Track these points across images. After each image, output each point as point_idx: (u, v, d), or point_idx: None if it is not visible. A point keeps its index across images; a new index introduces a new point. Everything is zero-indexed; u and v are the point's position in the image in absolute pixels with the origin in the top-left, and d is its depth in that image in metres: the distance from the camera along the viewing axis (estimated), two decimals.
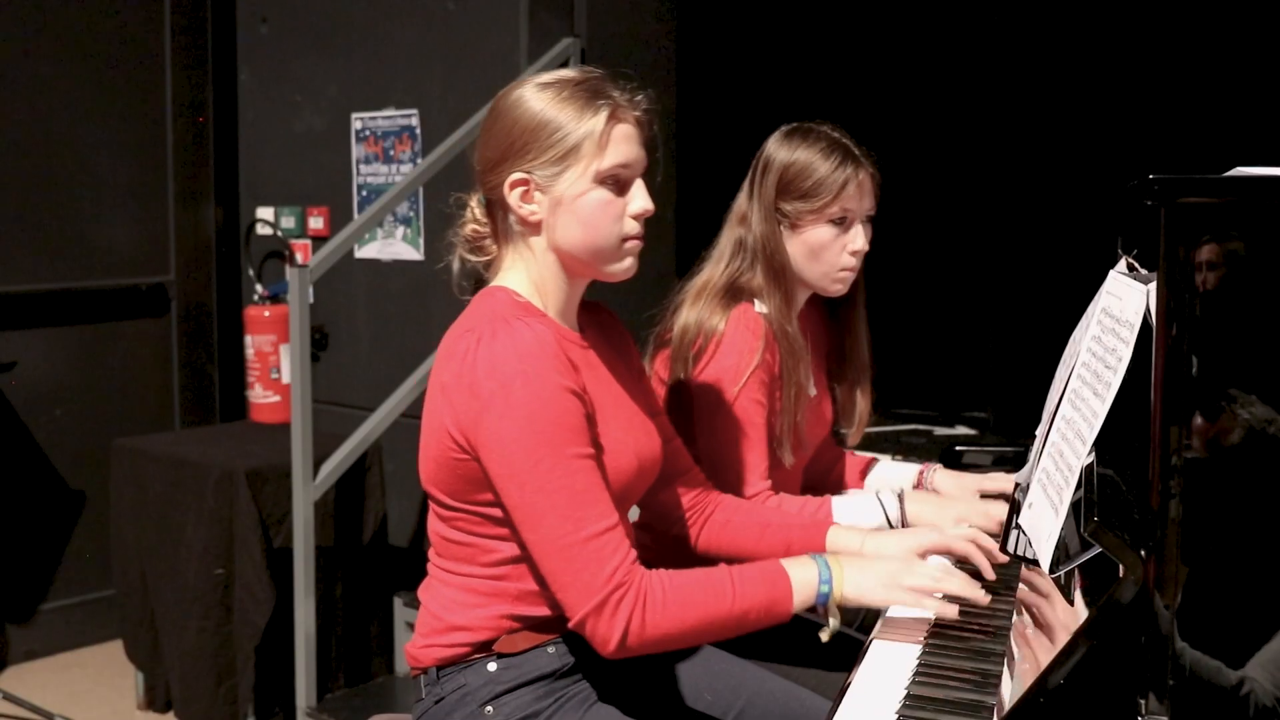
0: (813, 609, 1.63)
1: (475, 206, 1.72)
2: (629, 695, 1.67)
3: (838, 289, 2.13)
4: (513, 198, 1.62)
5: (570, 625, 1.54)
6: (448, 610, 1.64)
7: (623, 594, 1.50)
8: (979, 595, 1.60)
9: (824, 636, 1.63)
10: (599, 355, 1.71)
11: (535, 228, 1.63)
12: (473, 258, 1.73)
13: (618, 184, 1.62)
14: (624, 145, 1.62)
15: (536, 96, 1.61)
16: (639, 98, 1.65)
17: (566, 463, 1.52)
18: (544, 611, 1.62)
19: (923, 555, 1.74)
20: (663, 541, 1.96)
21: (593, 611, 1.50)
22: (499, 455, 1.52)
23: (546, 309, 1.66)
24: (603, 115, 1.59)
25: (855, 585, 1.60)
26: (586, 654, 1.64)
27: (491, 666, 1.62)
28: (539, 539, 1.52)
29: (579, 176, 1.60)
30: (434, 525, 1.67)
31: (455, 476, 1.58)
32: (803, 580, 1.59)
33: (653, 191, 1.67)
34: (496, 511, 1.58)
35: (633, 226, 1.64)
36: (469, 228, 1.72)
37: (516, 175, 1.61)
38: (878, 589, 1.61)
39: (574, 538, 1.51)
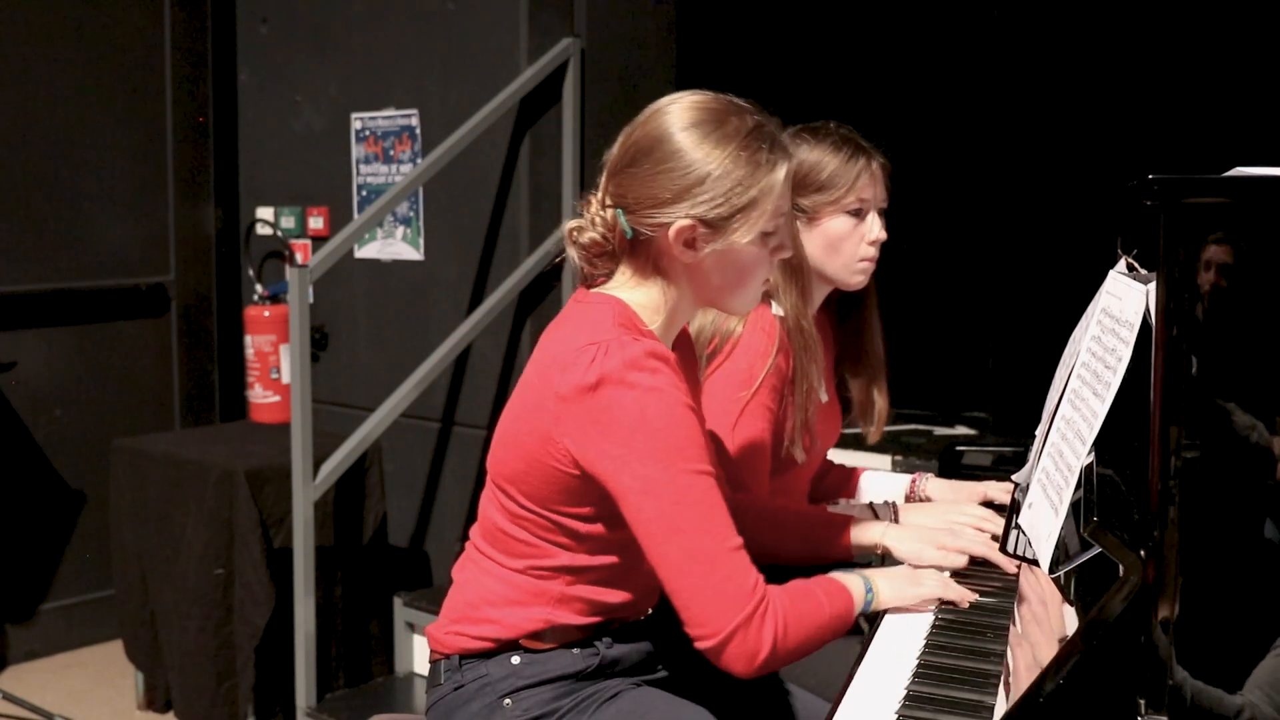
0: None
1: (597, 216, 1.63)
2: (637, 696, 1.67)
3: (859, 280, 2.14)
4: (676, 243, 1.58)
5: (709, 644, 1.49)
6: (484, 601, 1.63)
7: (767, 605, 1.50)
8: (970, 597, 1.69)
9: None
10: (683, 372, 1.70)
11: (689, 269, 1.60)
12: (587, 266, 1.66)
13: (775, 232, 1.61)
14: (788, 195, 1.61)
15: (718, 140, 1.56)
16: (796, 143, 1.65)
17: (700, 478, 1.50)
18: (578, 620, 1.62)
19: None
20: None
21: (742, 624, 1.48)
22: (632, 471, 1.49)
23: (658, 329, 1.64)
24: (781, 170, 1.58)
25: (889, 591, 1.69)
26: (610, 659, 1.65)
27: (515, 660, 1.62)
28: (678, 551, 1.49)
29: (750, 231, 1.57)
30: (493, 515, 1.64)
31: (549, 484, 1.56)
32: (855, 590, 1.65)
33: None
34: (576, 524, 1.57)
35: (773, 270, 1.66)
36: (587, 236, 1.64)
37: (685, 223, 1.56)
38: (907, 591, 1.69)
39: (720, 549, 1.49)
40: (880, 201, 2.11)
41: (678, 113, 1.59)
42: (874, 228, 2.10)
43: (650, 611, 1.72)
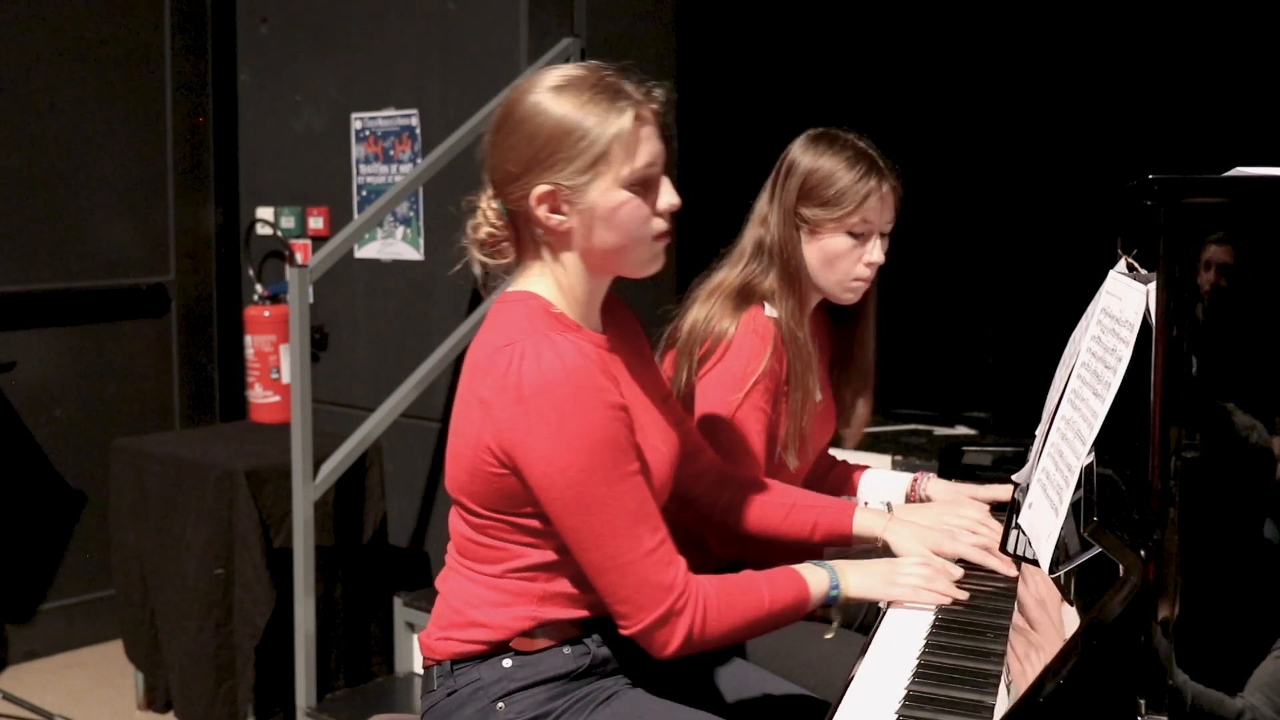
0: (811, 613, 1.70)
1: (488, 209, 1.65)
2: (633, 698, 1.67)
3: (849, 298, 2.13)
4: (540, 210, 1.57)
5: (628, 632, 1.55)
6: (470, 605, 1.64)
7: (684, 602, 1.54)
8: (955, 596, 1.70)
9: (828, 635, 1.70)
10: (619, 355, 1.70)
11: (564, 237, 1.59)
12: (490, 261, 1.68)
13: (645, 184, 1.58)
14: (650, 144, 1.58)
15: (555, 102, 1.55)
16: (656, 91, 1.60)
17: (620, 481, 1.52)
18: (566, 614, 1.63)
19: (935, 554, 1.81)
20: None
21: (656, 621, 1.53)
22: (552, 480, 1.51)
23: (574, 314, 1.63)
24: (628, 116, 1.55)
25: (859, 585, 1.69)
26: (601, 657, 1.65)
27: (506, 663, 1.62)
28: (597, 559, 1.53)
29: (609, 184, 1.55)
30: (460, 528, 1.65)
31: (492, 490, 1.57)
32: (816, 583, 1.67)
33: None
34: (531, 522, 1.58)
35: (662, 224, 1.62)
36: (484, 231, 1.66)
37: (543, 188, 1.55)
38: (879, 585, 1.70)
39: (633, 555, 1.52)
40: (885, 225, 2.08)
41: (526, 85, 1.60)
42: (874, 251, 2.07)
43: None
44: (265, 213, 4.22)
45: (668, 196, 1.61)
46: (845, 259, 2.07)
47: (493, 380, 1.53)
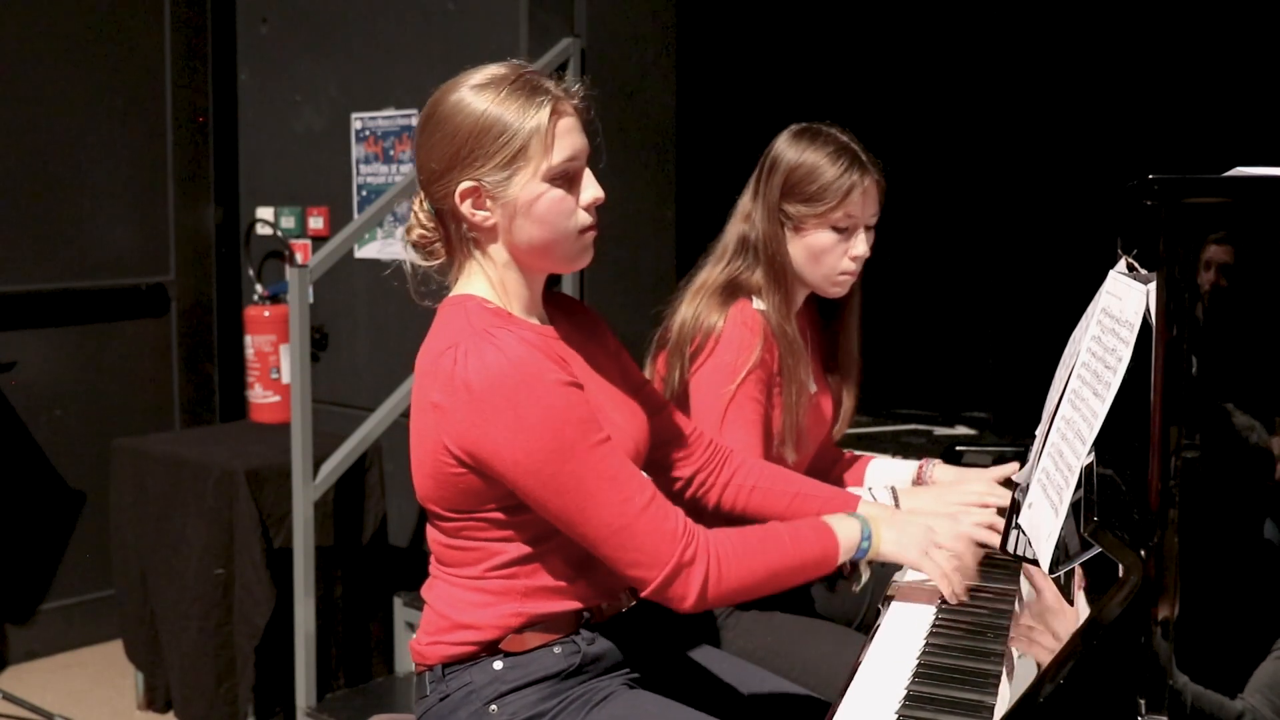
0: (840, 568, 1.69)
1: (419, 211, 1.68)
2: (630, 700, 1.67)
3: (836, 291, 2.13)
4: (464, 207, 1.59)
5: (646, 592, 1.55)
6: (455, 609, 1.64)
7: (694, 549, 1.54)
8: (964, 600, 1.69)
9: (856, 589, 1.70)
10: (573, 345, 1.71)
11: (490, 233, 1.62)
12: (423, 262, 1.70)
13: (568, 178, 1.60)
14: (569, 138, 1.60)
15: (475, 99, 1.58)
16: (575, 88, 1.63)
17: (592, 451, 1.52)
18: (553, 608, 1.63)
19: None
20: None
21: (670, 573, 1.53)
22: (524, 468, 1.51)
23: (514, 309, 1.65)
24: (545, 110, 1.57)
25: (893, 543, 1.69)
26: (592, 655, 1.65)
27: (497, 665, 1.62)
28: (593, 529, 1.53)
29: (530, 178, 1.57)
30: (435, 537, 1.66)
31: (456, 491, 1.58)
32: (846, 535, 1.66)
33: (600, 178, 1.65)
34: (500, 515, 1.58)
35: (587, 217, 1.63)
36: (415, 232, 1.69)
37: (466, 185, 1.58)
38: (913, 552, 1.69)
39: (628, 516, 1.52)
40: (869, 219, 2.09)
41: (450, 84, 1.62)
42: (859, 245, 2.08)
43: (634, 603, 1.72)
44: (265, 213, 4.22)
45: (591, 190, 1.63)
46: (830, 254, 2.07)
47: (441, 384, 1.54)
